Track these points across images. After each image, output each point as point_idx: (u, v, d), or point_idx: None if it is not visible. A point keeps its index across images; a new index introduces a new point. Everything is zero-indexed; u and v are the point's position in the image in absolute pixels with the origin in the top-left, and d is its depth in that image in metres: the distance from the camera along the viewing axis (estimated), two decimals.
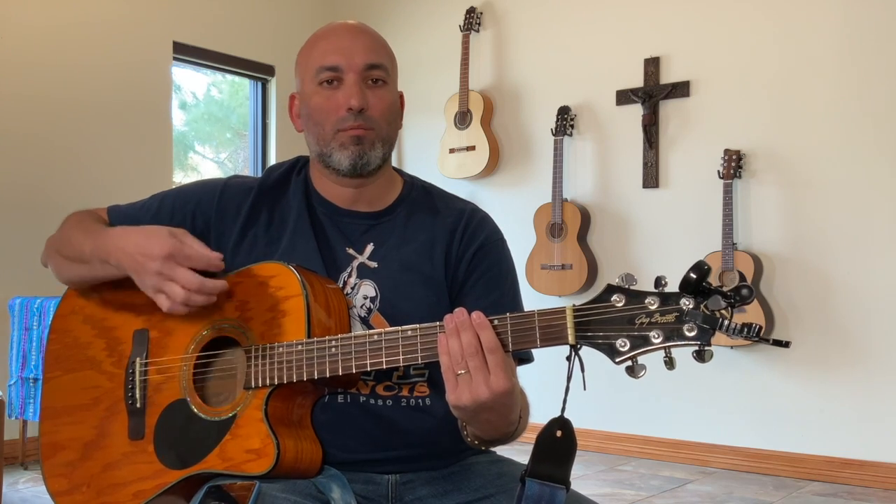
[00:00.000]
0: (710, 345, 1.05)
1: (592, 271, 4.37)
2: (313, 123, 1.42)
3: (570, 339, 1.10)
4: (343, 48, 1.40)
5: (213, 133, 5.51)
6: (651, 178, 4.30)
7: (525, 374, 1.37)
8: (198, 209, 1.46)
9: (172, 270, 1.28)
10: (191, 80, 5.22)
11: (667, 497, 3.51)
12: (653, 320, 1.07)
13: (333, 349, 1.24)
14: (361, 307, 1.39)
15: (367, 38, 1.43)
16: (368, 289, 1.40)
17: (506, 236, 1.52)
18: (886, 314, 3.68)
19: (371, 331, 1.24)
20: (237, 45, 4.99)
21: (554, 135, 4.48)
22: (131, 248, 1.32)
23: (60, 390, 1.47)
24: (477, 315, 1.14)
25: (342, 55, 1.40)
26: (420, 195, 1.51)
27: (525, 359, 1.41)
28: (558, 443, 1.12)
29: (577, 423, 1.15)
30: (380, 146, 1.41)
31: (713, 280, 1.05)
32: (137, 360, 1.40)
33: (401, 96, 1.50)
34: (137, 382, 1.39)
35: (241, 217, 1.45)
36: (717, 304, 1.03)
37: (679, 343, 1.05)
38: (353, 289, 1.40)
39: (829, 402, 3.80)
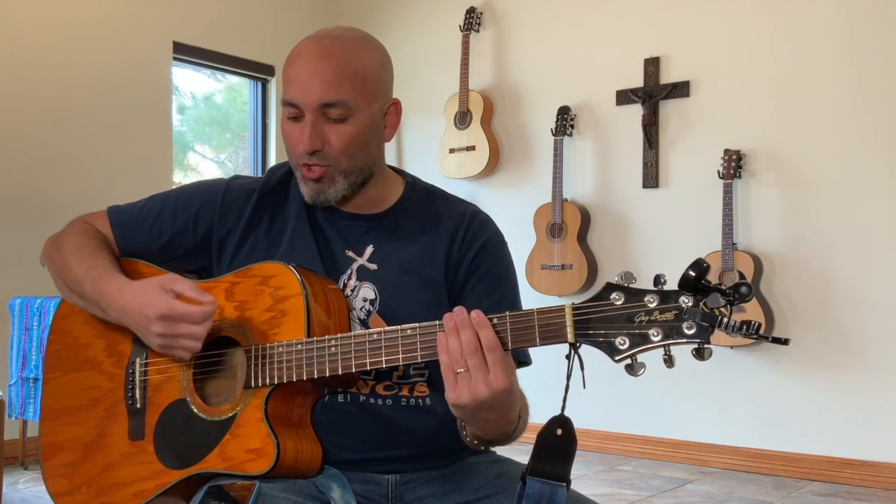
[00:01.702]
0: (709, 342, 1.05)
1: (592, 271, 4.37)
2: (286, 149, 1.43)
3: (570, 337, 1.10)
4: (302, 82, 1.35)
5: (212, 133, 5.51)
6: (651, 178, 4.30)
7: (525, 375, 1.37)
8: (200, 212, 1.46)
9: (174, 329, 1.28)
10: (191, 81, 5.22)
11: (667, 497, 3.51)
12: (652, 318, 1.07)
13: (333, 349, 1.24)
14: (361, 309, 1.39)
15: (328, 70, 1.34)
16: (368, 291, 1.40)
17: (506, 236, 1.52)
18: (886, 314, 3.68)
19: (370, 330, 1.24)
20: (237, 45, 4.99)
21: (554, 135, 4.48)
22: (131, 310, 1.33)
23: (60, 391, 1.47)
24: (476, 314, 1.14)
25: (300, 91, 1.35)
26: (421, 197, 1.50)
27: (523, 361, 1.41)
28: (558, 441, 1.12)
29: (578, 423, 1.15)
30: (342, 179, 1.38)
31: (713, 279, 1.05)
32: (137, 360, 1.40)
33: (394, 104, 1.44)
34: (137, 383, 1.39)
35: (243, 220, 1.45)
36: (716, 302, 1.03)
37: (678, 341, 1.05)
38: (352, 291, 1.40)
39: (829, 402, 3.80)
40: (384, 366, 1.22)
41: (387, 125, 1.44)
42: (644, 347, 1.07)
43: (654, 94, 4.27)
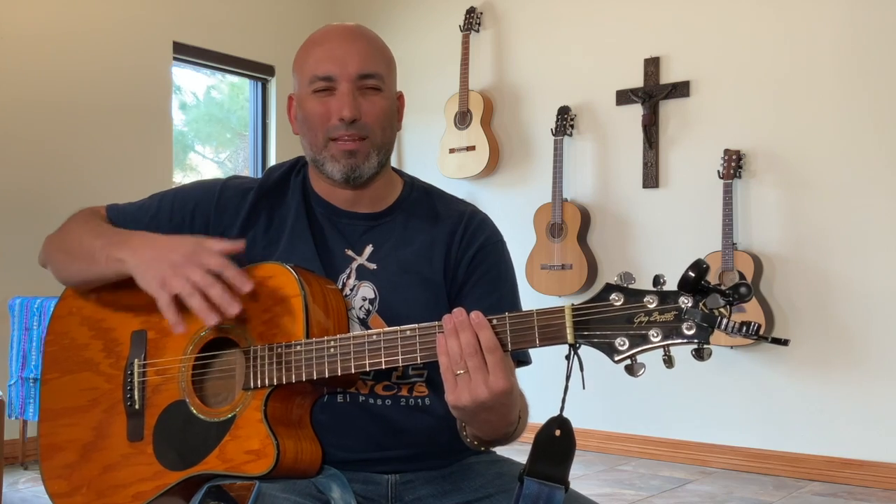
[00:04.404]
0: (708, 343, 1.05)
1: (592, 271, 4.37)
2: (307, 129, 1.42)
3: (569, 338, 1.10)
4: (337, 56, 1.38)
5: (213, 133, 5.51)
6: (651, 178, 4.30)
7: (524, 375, 1.37)
8: (197, 210, 1.46)
9: (197, 255, 1.26)
10: (191, 81, 5.22)
11: (667, 497, 3.51)
12: (651, 319, 1.06)
13: (332, 349, 1.24)
14: (360, 309, 1.38)
15: (362, 45, 1.41)
16: (367, 290, 1.39)
17: (506, 236, 1.52)
18: (886, 314, 3.68)
19: (370, 331, 1.24)
20: (237, 45, 4.99)
21: (554, 135, 4.48)
22: (156, 244, 1.31)
23: (59, 392, 1.47)
24: (476, 315, 1.14)
25: (336, 64, 1.38)
26: (420, 196, 1.50)
27: (523, 361, 1.41)
28: (557, 442, 1.12)
29: (578, 424, 1.15)
30: (375, 155, 1.40)
31: (712, 280, 1.05)
32: (136, 361, 1.40)
33: (400, 96, 1.49)
34: (136, 384, 1.39)
35: (239, 219, 1.45)
36: (715, 303, 1.03)
37: (678, 341, 1.05)
38: (351, 290, 1.39)
39: (829, 402, 3.80)
40: (383, 367, 1.21)
41: (397, 112, 1.49)
42: (643, 348, 1.07)
43: (654, 94, 4.26)
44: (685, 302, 1.05)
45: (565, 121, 4.48)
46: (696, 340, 1.04)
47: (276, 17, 5.18)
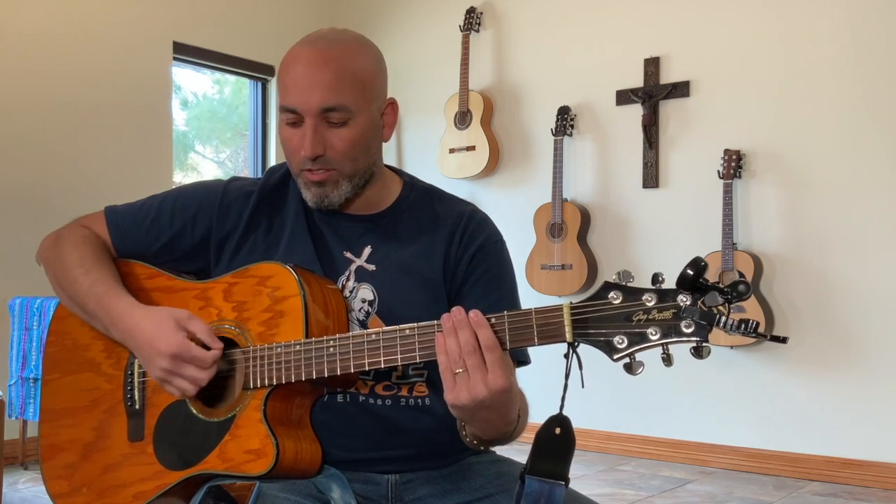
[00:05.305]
0: (707, 341, 1.05)
1: (592, 271, 4.37)
2: (285, 155, 1.42)
3: (568, 336, 1.10)
4: (301, 88, 1.33)
5: (213, 133, 5.51)
6: (651, 178, 4.30)
7: (524, 374, 1.37)
8: (198, 214, 1.46)
9: (180, 368, 1.29)
10: (191, 80, 5.22)
11: (667, 497, 3.50)
12: (650, 317, 1.06)
13: (331, 349, 1.24)
14: (360, 311, 1.38)
15: (327, 74, 1.33)
16: (366, 292, 1.39)
17: (506, 236, 1.51)
18: (886, 314, 3.68)
19: (369, 330, 1.24)
20: (237, 45, 4.99)
21: (554, 135, 4.48)
22: (140, 340, 1.33)
23: (60, 392, 1.47)
24: (474, 314, 1.14)
25: (300, 97, 1.33)
26: (419, 197, 1.50)
27: (522, 361, 1.40)
28: (557, 440, 1.12)
29: (578, 423, 1.15)
30: (345, 182, 1.38)
31: (712, 279, 1.05)
32: (136, 361, 1.40)
33: (391, 103, 1.44)
34: (136, 384, 1.39)
35: (242, 222, 1.45)
36: (714, 301, 1.03)
37: (677, 339, 1.05)
38: (351, 292, 1.39)
39: (829, 402, 3.80)
40: (383, 366, 1.22)
41: (385, 125, 1.43)
42: (642, 346, 1.07)
43: (654, 94, 4.26)
44: (684, 300, 1.05)
45: (565, 121, 4.48)
46: (694, 338, 1.04)
47: (276, 17, 5.18)
